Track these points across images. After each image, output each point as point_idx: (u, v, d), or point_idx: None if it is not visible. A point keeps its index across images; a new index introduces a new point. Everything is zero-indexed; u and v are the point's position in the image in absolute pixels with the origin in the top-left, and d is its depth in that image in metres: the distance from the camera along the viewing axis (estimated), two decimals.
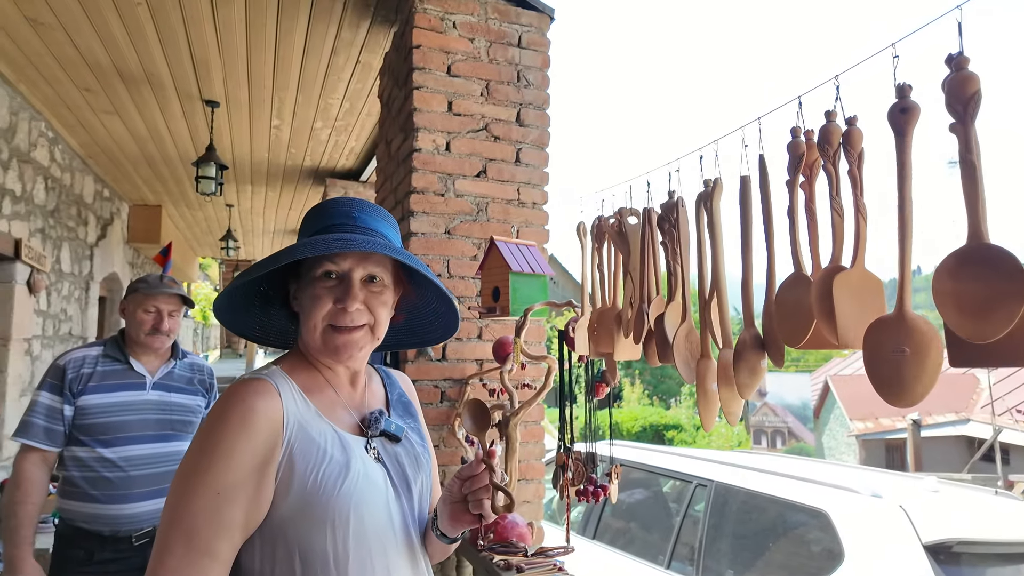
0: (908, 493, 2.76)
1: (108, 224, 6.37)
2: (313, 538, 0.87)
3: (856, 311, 0.83)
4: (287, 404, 0.90)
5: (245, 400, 0.86)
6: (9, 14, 3.08)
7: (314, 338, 0.94)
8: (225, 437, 0.83)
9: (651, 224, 1.26)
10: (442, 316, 1.13)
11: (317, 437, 0.90)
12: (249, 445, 0.84)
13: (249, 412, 0.85)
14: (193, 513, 0.80)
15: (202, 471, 0.82)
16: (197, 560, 0.79)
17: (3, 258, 4.01)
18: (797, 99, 0.97)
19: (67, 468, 1.88)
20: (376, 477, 0.94)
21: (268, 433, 0.86)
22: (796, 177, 0.95)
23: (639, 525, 3.69)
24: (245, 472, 0.83)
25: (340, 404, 0.98)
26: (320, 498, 0.87)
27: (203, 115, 4.31)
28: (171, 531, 0.81)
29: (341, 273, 0.93)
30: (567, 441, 1.75)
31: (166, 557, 0.79)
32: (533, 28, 2.60)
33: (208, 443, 0.84)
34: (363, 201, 1.02)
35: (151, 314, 1.96)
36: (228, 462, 0.82)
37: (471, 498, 0.94)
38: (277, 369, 0.96)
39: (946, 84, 0.73)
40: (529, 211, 2.55)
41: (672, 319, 1.17)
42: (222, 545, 0.81)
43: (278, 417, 0.87)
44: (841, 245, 0.88)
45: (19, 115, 4.05)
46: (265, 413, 0.86)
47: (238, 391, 0.88)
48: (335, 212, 0.98)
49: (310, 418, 0.91)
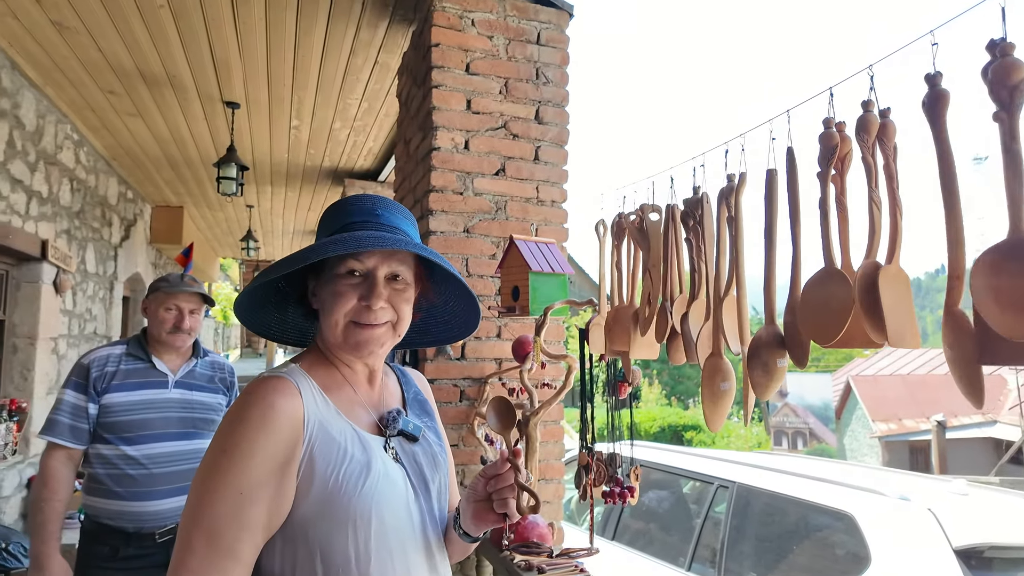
0: (937, 496, 2.70)
1: (131, 225, 6.47)
2: (334, 539, 0.86)
3: (895, 307, 0.81)
4: (307, 402, 0.89)
5: (265, 398, 0.85)
6: (36, 18, 3.13)
7: (335, 334, 0.93)
8: (246, 436, 0.82)
9: (674, 220, 1.23)
10: (458, 316, 1.12)
11: (337, 436, 0.89)
12: (270, 444, 0.83)
13: (269, 410, 0.84)
14: (215, 514, 0.80)
15: (223, 470, 0.81)
16: (219, 561, 0.79)
17: (30, 258, 4.09)
18: (828, 90, 0.94)
19: (92, 465, 1.90)
20: (396, 477, 0.94)
21: (289, 432, 0.85)
22: (828, 170, 0.92)
23: (659, 526, 3.66)
24: (267, 471, 0.82)
25: (359, 403, 0.98)
26: (341, 498, 0.86)
27: (224, 116, 4.35)
28: (193, 531, 0.80)
29: (365, 271, 0.93)
30: (589, 441, 1.73)
31: (188, 557, 0.79)
32: (552, 25, 2.58)
33: (229, 442, 0.83)
34: (384, 198, 1.01)
35: (172, 312, 1.98)
36: (249, 461, 0.81)
37: (496, 497, 0.93)
38: (296, 367, 0.95)
39: (989, 71, 0.71)
40: (548, 209, 2.53)
41: (696, 317, 1.15)
42: (244, 546, 0.81)
43: (299, 415, 0.86)
44: (878, 239, 0.85)
45: (46, 118, 4.13)
46: (286, 411, 0.85)
47: (258, 389, 0.87)
48: (357, 209, 0.98)
49: (330, 417, 0.91)
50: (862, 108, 0.91)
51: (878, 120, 0.89)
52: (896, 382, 16.93)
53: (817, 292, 0.91)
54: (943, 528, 2.41)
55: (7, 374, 4.02)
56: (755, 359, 1.02)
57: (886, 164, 0.87)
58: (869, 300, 0.85)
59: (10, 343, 4.06)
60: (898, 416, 15.43)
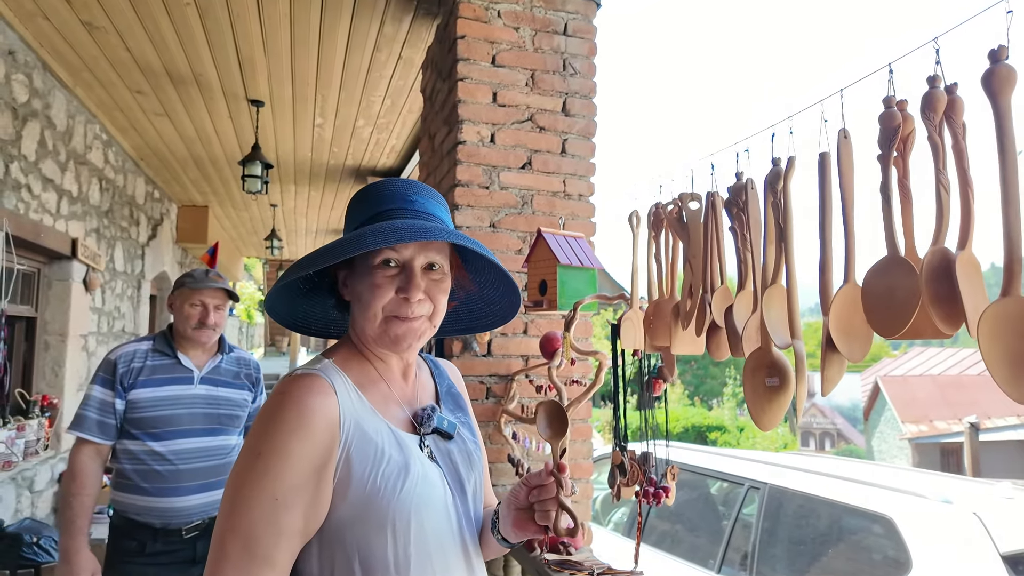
0: (982, 499, 2.59)
1: (158, 224, 6.56)
2: (373, 543, 0.83)
3: (970, 296, 0.75)
4: (343, 401, 0.85)
5: (301, 400, 0.82)
6: (66, 19, 3.17)
7: (372, 328, 0.90)
8: (281, 440, 0.79)
9: (715, 209, 1.18)
10: (495, 303, 1.08)
11: (374, 436, 0.86)
12: (306, 448, 0.79)
13: (306, 412, 0.81)
14: (251, 520, 0.77)
15: (259, 475, 0.78)
16: (255, 568, 0.76)
17: (61, 257, 4.15)
18: (888, 66, 0.88)
19: (119, 461, 1.91)
20: (434, 478, 0.90)
21: (326, 434, 0.81)
22: (890, 151, 0.86)
23: (686, 527, 3.59)
24: (303, 476, 0.79)
25: (393, 399, 0.94)
26: (380, 501, 0.83)
27: (248, 115, 4.38)
28: (228, 536, 0.77)
29: (402, 261, 0.89)
30: (622, 439, 1.68)
31: (223, 563, 0.77)
32: (579, 15, 2.53)
33: (264, 446, 0.79)
34: (415, 182, 0.97)
35: (197, 308, 1.98)
36: (285, 465, 0.78)
37: (538, 508, 0.88)
38: (329, 363, 0.91)
39: None
40: (575, 203, 2.48)
41: (742, 310, 1.09)
42: (280, 552, 0.78)
43: (335, 416, 0.83)
44: (947, 224, 0.79)
45: (76, 118, 4.19)
46: (322, 412, 0.82)
47: (292, 389, 0.83)
48: (390, 195, 0.93)
49: (366, 415, 0.87)
50: (927, 84, 0.85)
51: (946, 96, 0.83)
52: (926, 382, 16.55)
53: (880, 282, 0.85)
54: (989, 533, 2.31)
55: (39, 370, 4.09)
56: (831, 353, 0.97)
57: (955, 143, 0.81)
58: (936, 289, 0.80)
59: (42, 340, 4.13)
60: (929, 417, 15.08)
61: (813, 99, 1.00)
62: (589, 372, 2.37)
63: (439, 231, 0.86)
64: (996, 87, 0.78)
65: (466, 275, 1.01)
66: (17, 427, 3.57)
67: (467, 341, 2.32)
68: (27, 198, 3.58)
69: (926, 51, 0.87)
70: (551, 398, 2.18)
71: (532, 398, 2.34)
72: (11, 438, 3.48)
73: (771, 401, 1.06)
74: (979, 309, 0.73)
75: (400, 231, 0.84)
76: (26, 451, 3.62)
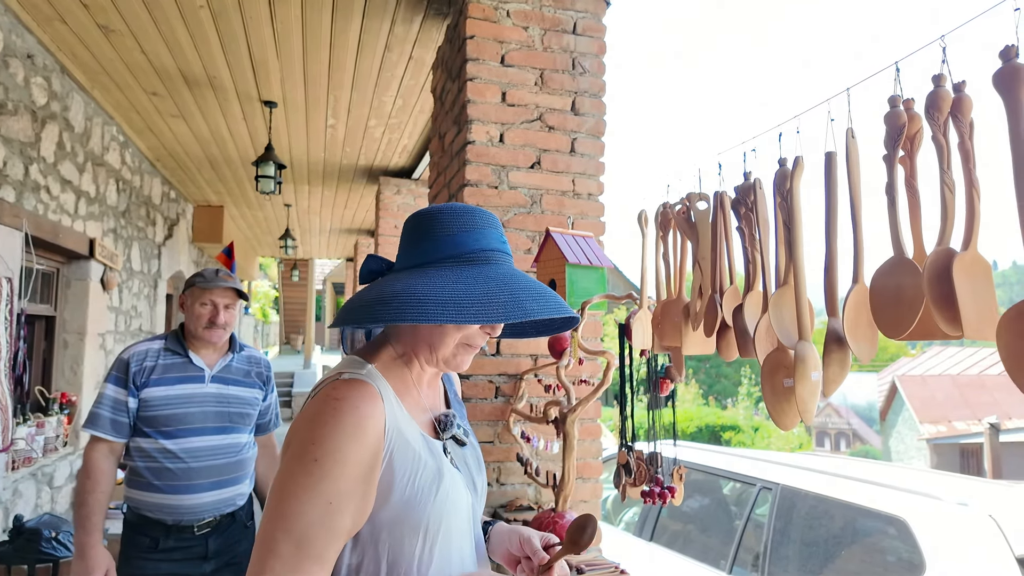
0: (998, 501, 2.55)
1: (174, 224, 6.65)
2: (404, 544, 0.87)
3: (972, 297, 0.74)
4: (388, 408, 0.87)
5: (357, 407, 0.83)
6: (83, 23, 3.22)
7: (445, 351, 0.92)
8: (337, 446, 0.80)
9: (723, 209, 1.17)
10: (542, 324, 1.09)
11: (412, 442, 0.89)
12: (361, 453, 0.81)
13: (362, 419, 0.82)
14: (306, 523, 0.78)
15: (316, 480, 0.79)
16: (307, 565, 0.78)
17: (79, 256, 4.22)
18: (894, 64, 0.88)
19: (132, 458, 1.93)
20: (459, 483, 0.94)
21: (376, 440, 0.84)
22: (895, 151, 0.85)
23: (698, 528, 3.57)
24: (355, 481, 0.81)
25: (419, 405, 0.97)
26: (417, 506, 0.86)
27: (262, 116, 4.42)
28: (281, 537, 0.78)
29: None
30: (629, 439, 1.68)
31: (273, 562, 0.77)
32: (588, 14, 2.53)
33: (321, 450, 0.80)
34: (494, 218, 0.96)
35: (207, 308, 1.99)
36: (342, 471, 0.80)
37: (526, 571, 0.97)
38: (373, 369, 0.91)
39: None
40: (584, 202, 2.48)
41: (752, 310, 1.09)
42: (330, 552, 0.81)
43: (382, 424, 0.85)
44: (952, 224, 0.78)
45: (93, 120, 4.26)
46: (374, 419, 0.84)
47: (346, 396, 0.84)
48: (489, 236, 0.92)
49: (405, 422, 0.90)
50: (933, 83, 0.84)
51: (951, 95, 0.82)
52: (945, 382, 16.31)
53: (886, 282, 0.85)
54: (1005, 535, 2.28)
55: (58, 368, 4.16)
56: (831, 353, 0.97)
57: (961, 142, 0.80)
58: (940, 290, 0.79)
59: (60, 338, 4.20)
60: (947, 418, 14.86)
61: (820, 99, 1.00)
62: (598, 372, 2.37)
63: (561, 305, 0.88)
64: (1007, 85, 0.77)
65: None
66: (37, 424, 3.64)
67: None
68: (46, 199, 3.64)
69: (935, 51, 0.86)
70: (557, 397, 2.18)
71: (541, 397, 2.35)
72: (31, 435, 3.55)
73: (790, 401, 1.06)
74: (983, 310, 0.73)
75: (548, 307, 0.86)
76: (45, 447, 3.69)
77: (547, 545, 0.98)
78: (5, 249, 3.11)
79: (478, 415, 2.30)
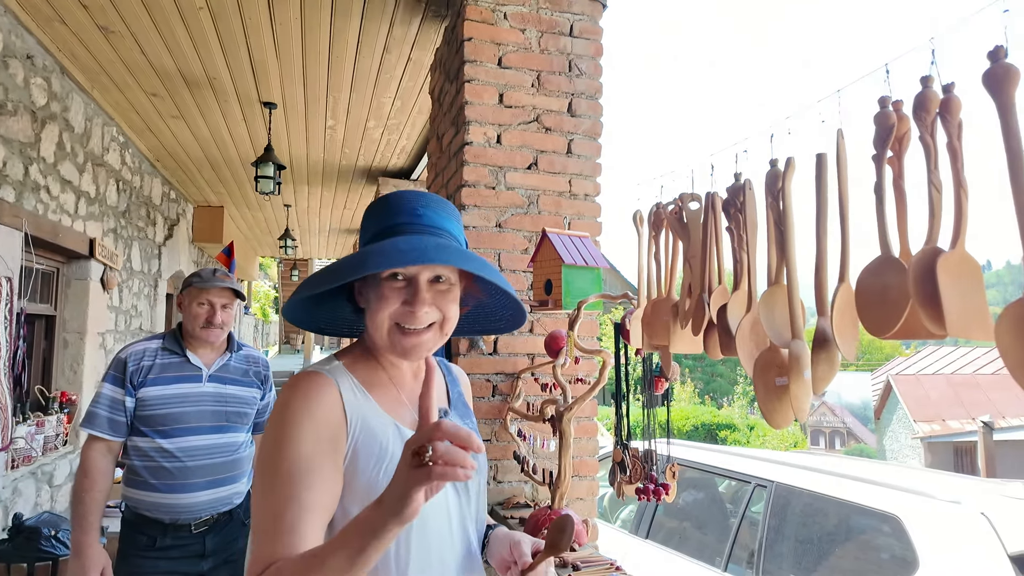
0: (991, 499, 2.58)
1: (174, 224, 6.66)
2: None
3: (959, 296, 0.76)
4: (348, 398, 0.90)
5: (306, 393, 0.88)
6: (83, 24, 3.24)
7: (380, 336, 0.94)
8: (290, 425, 0.85)
9: (714, 209, 1.20)
10: (507, 307, 1.11)
11: (379, 434, 0.90)
12: (313, 429, 0.85)
13: (311, 399, 0.87)
14: (275, 499, 0.83)
15: (277, 460, 0.84)
16: (282, 538, 0.81)
17: (79, 256, 4.24)
18: (884, 66, 0.90)
19: (130, 457, 1.94)
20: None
21: (330, 423, 0.87)
22: (884, 152, 0.88)
23: (694, 525, 3.59)
24: (312, 457, 0.84)
25: (402, 402, 0.98)
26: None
27: (261, 117, 4.44)
28: (258, 515, 0.84)
29: (408, 276, 0.92)
30: (624, 437, 1.70)
31: (257, 536, 0.83)
32: (585, 16, 2.55)
33: (277, 433, 0.85)
34: (426, 195, 0.99)
35: (204, 307, 2.00)
36: (297, 448, 0.83)
37: None
38: (338, 364, 0.96)
39: None
40: (581, 203, 2.50)
41: (736, 309, 1.11)
42: (305, 525, 0.83)
43: (339, 408, 0.89)
44: (939, 224, 0.80)
45: (93, 121, 4.27)
46: (324, 404, 0.88)
47: (297, 385, 0.89)
48: (399, 209, 0.96)
49: (371, 413, 0.92)
50: (921, 84, 0.86)
51: (939, 96, 0.84)
52: (939, 381, 16.34)
53: (873, 281, 0.87)
54: (997, 533, 2.30)
55: (58, 367, 4.18)
56: (821, 352, 0.99)
57: (949, 142, 0.82)
58: (926, 289, 0.81)
59: (61, 338, 4.21)
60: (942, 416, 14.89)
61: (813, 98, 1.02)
62: (594, 370, 2.39)
63: (436, 251, 0.88)
64: (997, 86, 0.78)
65: (475, 285, 1.03)
66: (37, 423, 3.66)
67: (474, 340, 2.35)
68: (46, 199, 3.66)
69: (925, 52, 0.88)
70: (554, 396, 2.20)
71: (537, 396, 2.37)
72: (31, 434, 3.56)
73: (782, 400, 1.07)
74: (970, 309, 0.75)
75: (401, 254, 0.86)
76: (45, 446, 3.70)
77: (536, 551, 1.00)
78: (5, 249, 3.13)
79: (476, 414, 2.31)
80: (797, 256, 1.08)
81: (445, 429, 0.67)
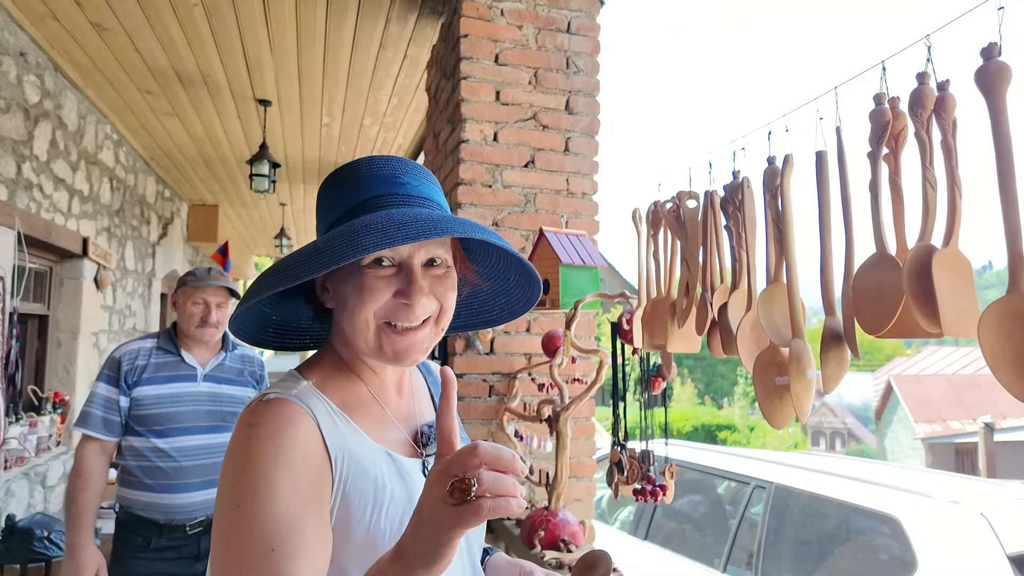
0: (990, 500, 2.57)
1: (169, 223, 6.62)
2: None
3: (952, 294, 0.74)
4: (328, 432, 0.72)
5: (275, 431, 0.68)
6: (77, 21, 3.21)
7: (365, 339, 0.75)
8: (261, 482, 0.65)
9: (713, 207, 1.18)
10: (501, 296, 0.95)
11: (371, 469, 0.73)
12: (290, 480, 0.66)
13: (280, 443, 0.68)
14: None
15: (245, 530, 0.64)
16: None
17: (72, 255, 4.20)
18: (880, 63, 0.88)
19: (124, 457, 1.93)
20: None
21: (311, 468, 0.69)
22: (880, 149, 0.86)
23: (693, 526, 3.58)
24: (295, 517, 0.65)
25: (388, 420, 0.81)
26: (387, 543, 0.70)
27: (256, 115, 4.41)
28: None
29: (399, 259, 0.74)
30: (621, 438, 1.68)
31: None
32: (583, 13, 2.53)
33: (241, 495, 0.65)
34: (405, 160, 0.80)
35: (199, 307, 1.99)
36: (272, 509, 0.64)
37: None
38: (306, 386, 0.76)
39: None
40: (579, 201, 2.48)
41: (736, 308, 1.09)
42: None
43: (318, 445, 0.70)
44: (933, 221, 0.79)
45: (87, 119, 4.24)
46: (301, 445, 0.69)
47: (261, 421, 0.69)
48: (378, 177, 0.77)
49: (359, 445, 0.74)
50: (917, 81, 0.84)
51: (934, 93, 0.82)
52: (940, 382, 16.39)
53: (868, 279, 0.85)
54: (996, 534, 2.29)
55: (51, 368, 4.15)
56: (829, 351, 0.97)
57: (944, 140, 0.80)
58: (920, 286, 0.79)
59: (54, 338, 4.18)
60: (942, 417, 14.93)
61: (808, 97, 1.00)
62: (591, 370, 2.37)
63: (454, 223, 0.71)
64: (989, 84, 0.77)
65: (470, 267, 0.87)
66: (30, 423, 3.63)
67: (470, 339, 2.32)
68: (39, 197, 3.62)
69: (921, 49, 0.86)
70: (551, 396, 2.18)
71: (534, 396, 2.35)
72: (24, 434, 3.53)
73: (782, 400, 1.06)
74: (962, 307, 0.73)
75: (406, 227, 0.68)
76: (38, 447, 3.67)
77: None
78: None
79: (472, 414, 2.30)
80: (797, 254, 1.07)
81: (485, 453, 0.54)
